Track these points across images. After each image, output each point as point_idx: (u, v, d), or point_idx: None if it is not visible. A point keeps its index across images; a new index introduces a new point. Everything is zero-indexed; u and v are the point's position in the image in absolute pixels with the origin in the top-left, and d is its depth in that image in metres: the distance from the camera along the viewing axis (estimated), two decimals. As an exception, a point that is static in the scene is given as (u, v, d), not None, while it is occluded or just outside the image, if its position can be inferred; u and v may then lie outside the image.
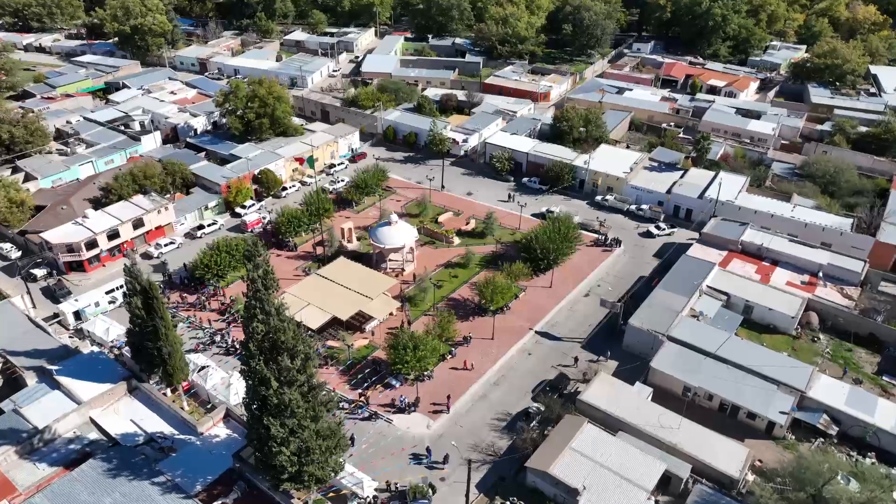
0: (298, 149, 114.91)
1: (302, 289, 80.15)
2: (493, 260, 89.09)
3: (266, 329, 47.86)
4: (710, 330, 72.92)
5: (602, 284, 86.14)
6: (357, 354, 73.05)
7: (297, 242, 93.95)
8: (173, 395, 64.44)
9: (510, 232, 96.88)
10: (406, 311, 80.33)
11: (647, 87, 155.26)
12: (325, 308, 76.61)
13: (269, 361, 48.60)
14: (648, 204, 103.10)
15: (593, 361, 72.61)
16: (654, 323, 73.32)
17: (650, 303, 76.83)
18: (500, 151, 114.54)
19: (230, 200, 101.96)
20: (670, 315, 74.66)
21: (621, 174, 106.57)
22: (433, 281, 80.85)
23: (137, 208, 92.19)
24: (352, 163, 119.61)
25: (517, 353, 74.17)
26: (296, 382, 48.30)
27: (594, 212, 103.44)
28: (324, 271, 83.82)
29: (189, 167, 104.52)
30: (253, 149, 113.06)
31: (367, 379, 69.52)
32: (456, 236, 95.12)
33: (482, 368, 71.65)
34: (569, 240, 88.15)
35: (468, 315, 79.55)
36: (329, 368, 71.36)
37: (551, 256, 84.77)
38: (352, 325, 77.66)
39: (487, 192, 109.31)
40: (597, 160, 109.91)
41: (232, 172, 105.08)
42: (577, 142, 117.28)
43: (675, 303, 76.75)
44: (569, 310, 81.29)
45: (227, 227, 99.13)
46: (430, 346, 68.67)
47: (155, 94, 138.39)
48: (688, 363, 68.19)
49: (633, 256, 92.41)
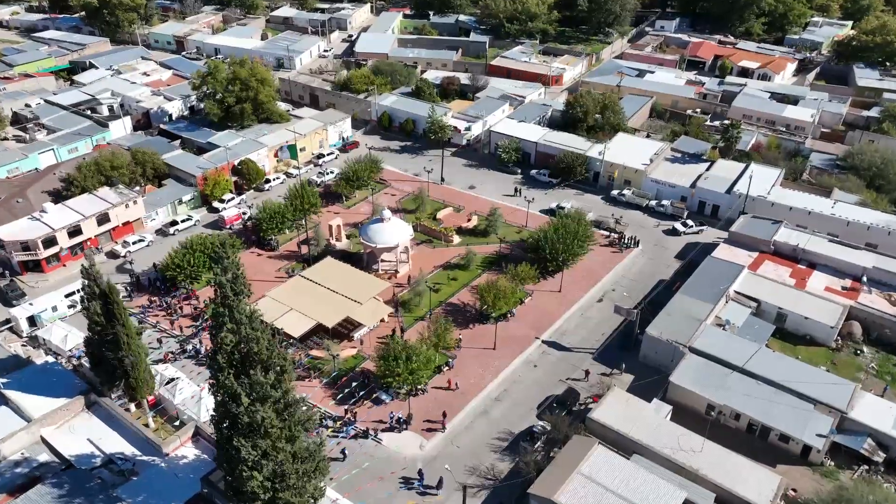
0: (283, 137, 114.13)
1: (283, 292, 79.29)
2: (497, 261, 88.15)
3: (237, 339, 46.84)
4: (737, 341, 71.87)
5: (617, 289, 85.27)
6: (344, 366, 72.17)
7: (280, 241, 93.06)
8: (137, 412, 63.50)
9: (516, 230, 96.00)
10: (399, 317, 79.35)
11: (670, 70, 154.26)
12: (309, 314, 75.77)
13: (239, 375, 47.58)
14: (670, 199, 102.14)
15: (606, 375, 71.67)
16: (675, 332, 72.29)
17: (670, 310, 75.83)
18: (505, 141, 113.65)
19: (207, 194, 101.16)
20: (693, 324, 73.60)
21: (640, 166, 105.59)
22: (429, 284, 79.77)
23: (103, 202, 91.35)
24: (342, 152, 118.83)
25: (521, 365, 73.39)
26: (269, 399, 47.25)
27: (609, 208, 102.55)
28: (308, 273, 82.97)
29: (161, 156, 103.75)
30: (233, 137, 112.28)
31: (355, 393, 68.61)
32: (456, 235, 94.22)
33: (482, 382, 70.83)
34: (581, 239, 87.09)
35: (468, 322, 78.79)
36: (312, 381, 70.60)
37: (560, 258, 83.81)
38: (338, 333, 76.77)
39: (492, 186, 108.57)
40: (613, 150, 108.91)
41: (209, 163, 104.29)
42: (591, 130, 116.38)
43: (699, 310, 75.72)
44: (580, 317, 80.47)
45: (204, 224, 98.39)
46: (423, 357, 67.57)
47: (126, 76, 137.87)
48: (712, 378, 67.12)
49: (653, 258, 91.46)
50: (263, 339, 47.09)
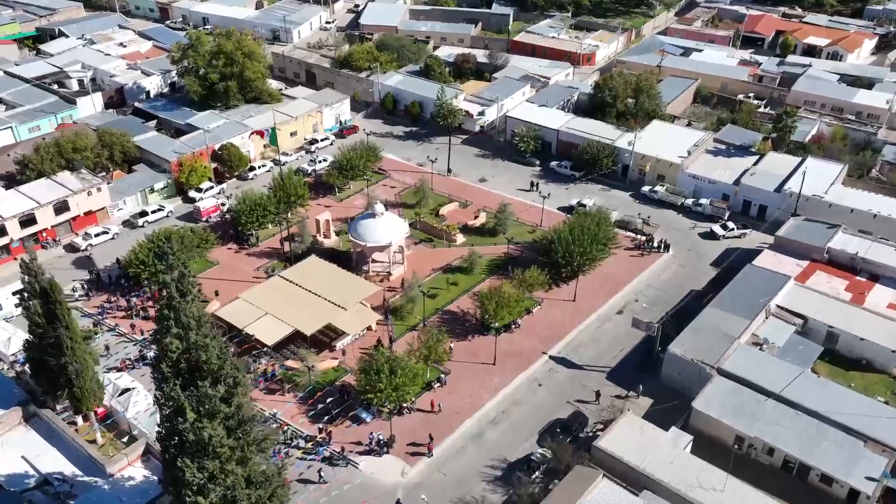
0: (273, 119, 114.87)
1: (258, 294, 79.94)
2: (505, 265, 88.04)
3: (185, 346, 47.33)
4: (776, 363, 70.96)
5: (641, 299, 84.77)
6: (322, 379, 72.58)
7: (261, 236, 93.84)
8: (85, 426, 64.43)
9: (529, 229, 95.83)
10: (389, 325, 79.52)
11: (722, 47, 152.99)
12: (286, 319, 76.32)
13: (188, 386, 48.07)
14: (709, 198, 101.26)
15: (620, 398, 71.21)
16: (702, 351, 71.60)
17: (699, 325, 75.14)
18: (523, 128, 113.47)
19: (182, 181, 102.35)
20: (724, 342, 72.85)
21: (676, 159, 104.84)
22: (423, 289, 79.90)
23: (62, 188, 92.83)
24: (339, 138, 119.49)
25: (524, 383, 73.27)
26: (219, 414, 47.67)
27: (639, 206, 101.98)
28: (288, 273, 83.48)
29: (133, 138, 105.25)
30: (215, 118, 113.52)
31: (332, 410, 68.89)
32: (460, 233, 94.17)
33: (478, 401, 70.82)
34: (600, 241, 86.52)
35: (466, 333, 78.83)
36: (286, 395, 71.07)
37: (576, 262, 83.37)
38: (319, 342, 77.16)
39: (505, 179, 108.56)
40: (645, 140, 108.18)
41: (186, 147, 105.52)
42: (621, 116, 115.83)
43: (732, 326, 74.90)
44: (595, 330, 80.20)
45: (178, 215, 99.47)
46: (409, 372, 67.66)
47: (100, 46, 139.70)
48: (743, 405, 66.35)
49: (685, 264, 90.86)
50: (214, 346, 47.50)
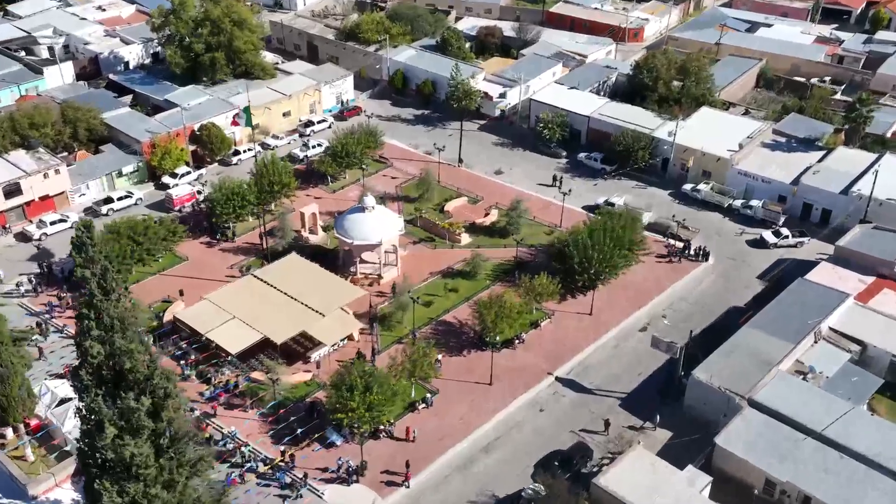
0: (264, 97, 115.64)
1: (227, 295, 79.99)
2: (515, 269, 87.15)
3: (109, 351, 47.12)
4: (821, 396, 69.05)
5: (670, 314, 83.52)
6: (291, 394, 72.37)
7: (239, 230, 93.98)
8: (14, 439, 64.72)
9: (546, 230, 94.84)
10: (375, 336, 79.20)
11: (796, 22, 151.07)
12: (255, 325, 76.24)
13: (112, 397, 47.86)
14: (762, 199, 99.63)
15: (633, 429, 70.30)
16: (732, 378, 70.13)
17: (732, 347, 73.76)
18: (548, 113, 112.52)
19: (154, 165, 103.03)
20: (759, 368, 71.29)
21: (725, 153, 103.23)
22: (413, 294, 79.26)
23: (14, 169, 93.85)
24: (339, 120, 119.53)
25: (524, 408, 72.75)
26: (144, 430, 47.30)
27: (678, 207, 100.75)
28: (264, 272, 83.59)
29: (101, 115, 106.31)
30: (196, 94, 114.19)
31: (298, 429, 68.79)
32: (465, 233, 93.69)
33: (468, 426, 70.32)
34: (625, 246, 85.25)
35: (462, 347, 78.46)
36: (249, 411, 71.15)
37: (593, 269, 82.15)
38: (292, 352, 77.08)
39: (524, 172, 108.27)
40: (690, 130, 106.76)
41: (161, 126, 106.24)
42: (664, 102, 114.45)
43: (772, 350, 73.32)
44: (612, 349, 79.49)
45: (148, 203, 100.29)
46: (388, 390, 66.97)
47: (75, 9, 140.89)
48: (776, 444, 64.67)
49: (726, 276, 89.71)
50: (140, 352, 47.19)
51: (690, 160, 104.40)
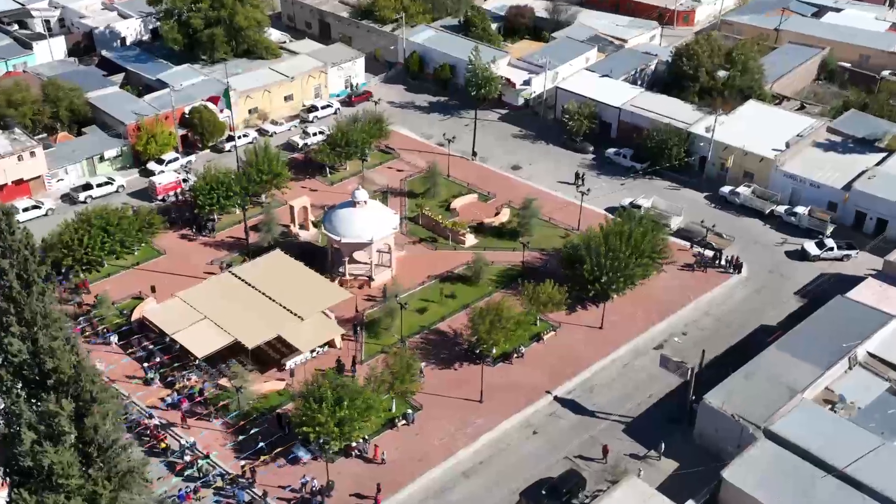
0: (264, 78, 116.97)
1: (200, 294, 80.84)
2: (523, 275, 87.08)
3: (33, 349, 47.88)
4: (850, 429, 67.48)
5: (691, 331, 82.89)
6: (260, 404, 73.04)
7: (224, 224, 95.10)
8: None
9: (562, 233, 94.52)
10: (359, 343, 79.60)
11: (871, 6, 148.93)
12: (227, 327, 76.97)
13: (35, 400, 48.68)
14: (809, 206, 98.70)
15: (635, 457, 69.59)
16: (748, 404, 69.01)
17: (753, 369, 72.67)
18: (575, 103, 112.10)
19: (139, 150, 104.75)
20: (781, 394, 70.10)
21: (769, 152, 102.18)
22: (402, 300, 79.39)
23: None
24: (346, 106, 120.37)
25: (515, 429, 72.37)
26: (66, 437, 47.94)
27: (713, 211, 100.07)
28: (243, 269, 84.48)
29: (86, 94, 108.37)
30: (191, 74, 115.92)
31: (262, 443, 69.24)
32: (471, 233, 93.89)
33: (451, 446, 70.16)
34: (645, 254, 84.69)
35: (453, 360, 78.38)
36: (212, 421, 71.95)
37: (604, 279, 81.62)
38: (267, 358, 77.86)
39: (546, 167, 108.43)
40: (732, 126, 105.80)
41: (150, 107, 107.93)
42: (705, 94, 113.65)
43: (798, 375, 72.03)
44: (622, 367, 78.93)
45: (130, 191, 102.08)
46: (361, 404, 67.15)
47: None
48: (791, 481, 63.29)
49: (761, 290, 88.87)
50: (64, 351, 47.86)
51: (730, 159, 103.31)
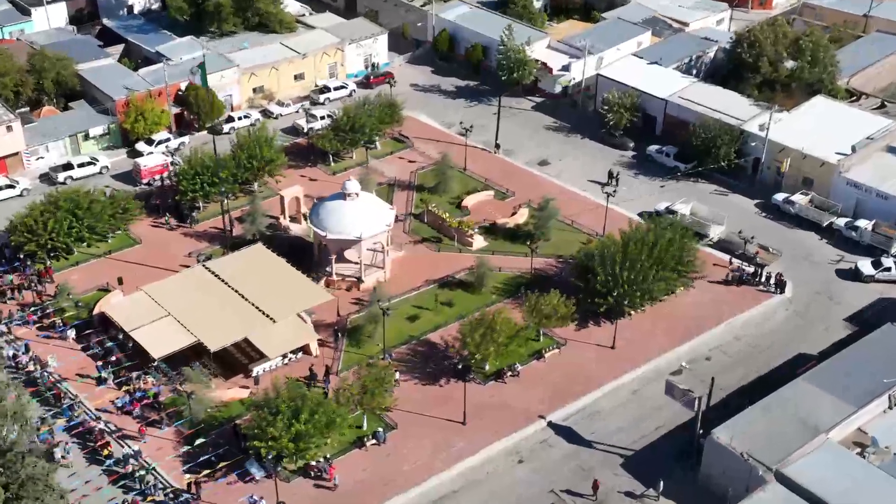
0: (272, 54, 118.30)
1: (167, 289, 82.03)
2: (529, 284, 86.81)
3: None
4: (878, 478, 65.86)
5: (716, 356, 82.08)
6: (219, 413, 73.73)
7: (210, 213, 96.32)
8: None
9: (584, 239, 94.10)
10: (338, 351, 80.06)
11: None
12: (191, 326, 77.83)
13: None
14: (874, 220, 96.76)
15: (630, 496, 68.84)
16: (762, 442, 67.68)
17: (772, 403, 71.48)
18: (616, 92, 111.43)
19: (128, 128, 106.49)
20: (801, 434, 68.66)
21: (832, 156, 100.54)
22: (384, 306, 79.30)
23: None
24: (364, 87, 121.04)
25: (499, 456, 72.16)
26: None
27: (763, 221, 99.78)
28: (217, 264, 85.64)
29: (77, 65, 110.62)
30: (193, 47, 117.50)
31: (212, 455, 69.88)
32: (480, 234, 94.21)
33: (424, 472, 69.95)
34: (670, 265, 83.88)
35: (439, 375, 78.46)
36: (166, 429, 72.78)
37: (617, 291, 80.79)
38: (234, 363, 78.65)
39: (578, 164, 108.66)
40: (793, 125, 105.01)
41: (144, 82, 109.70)
42: (766, 86, 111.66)
43: (825, 411, 70.56)
44: (630, 394, 78.39)
45: (115, 173, 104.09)
46: (322, 418, 67.19)
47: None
48: (800, 533, 62.26)
49: (805, 314, 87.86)
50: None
51: (785, 163, 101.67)
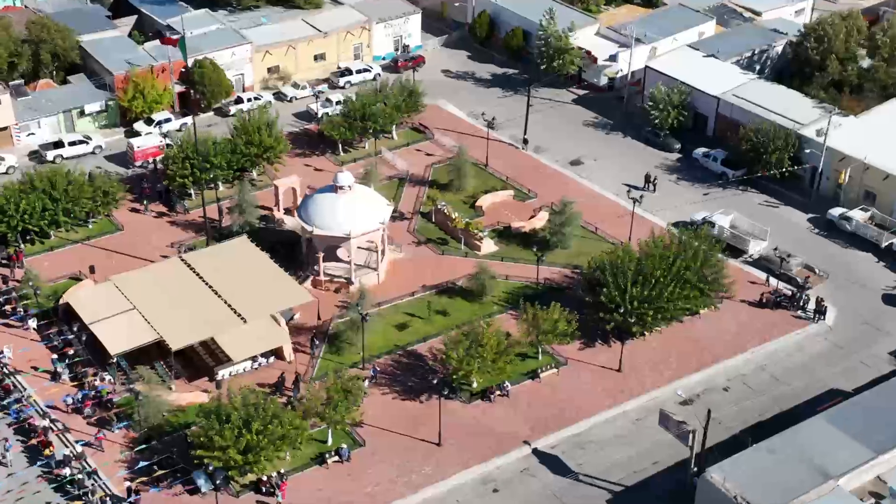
0: (291, 32, 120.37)
1: (137, 280, 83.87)
2: (534, 295, 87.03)
3: None
4: (895, 535, 65.30)
5: (735, 387, 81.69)
6: (175, 418, 75.10)
7: (197, 200, 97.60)
8: None
9: (608, 248, 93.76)
10: (314, 358, 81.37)
11: None
12: (155, 322, 79.40)
13: None
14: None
15: (611, 536, 68.75)
16: (761, 486, 66.73)
17: (781, 443, 70.54)
18: (662, 87, 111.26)
19: (125, 106, 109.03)
20: (808, 478, 67.56)
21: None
22: (363, 311, 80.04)
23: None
24: (392, 72, 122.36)
25: (472, 483, 72.47)
26: None
27: (814, 237, 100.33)
28: (195, 256, 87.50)
29: (80, 37, 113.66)
30: (206, 20, 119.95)
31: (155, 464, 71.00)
32: (489, 237, 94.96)
33: (386, 496, 70.41)
34: (691, 282, 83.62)
35: (423, 391, 78.95)
36: (116, 431, 74.30)
37: (625, 308, 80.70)
38: (200, 364, 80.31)
39: (615, 165, 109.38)
40: (859, 131, 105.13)
41: (149, 56, 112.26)
42: (832, 87, 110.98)
43: (839, 455, 69.35)
44: (632, 423, 78.36)
45: (108, 153, 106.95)
46: (276, 430, 68.02)
47: None
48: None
49: (847, 345, 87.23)
50: None
51: (844, 173, 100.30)
